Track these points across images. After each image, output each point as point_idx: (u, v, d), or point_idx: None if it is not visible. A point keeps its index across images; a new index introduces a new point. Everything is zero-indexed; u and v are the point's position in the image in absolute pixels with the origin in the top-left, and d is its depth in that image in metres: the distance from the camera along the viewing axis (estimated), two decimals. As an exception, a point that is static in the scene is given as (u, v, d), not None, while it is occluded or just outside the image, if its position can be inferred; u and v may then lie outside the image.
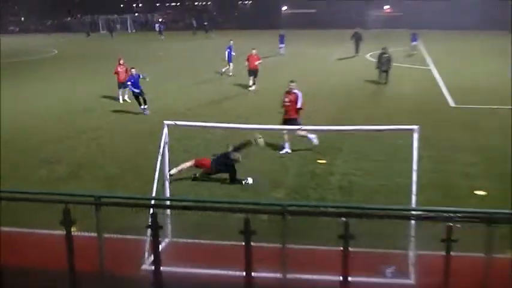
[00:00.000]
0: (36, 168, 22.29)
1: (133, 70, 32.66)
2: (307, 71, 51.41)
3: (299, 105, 24.13)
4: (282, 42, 66.22)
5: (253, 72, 41.03)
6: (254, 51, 42.02)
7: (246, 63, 41.94)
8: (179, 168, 20.42)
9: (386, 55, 42.20)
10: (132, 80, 32.02)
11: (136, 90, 32.04)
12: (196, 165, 20.79)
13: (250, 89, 40.22)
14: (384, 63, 42.12)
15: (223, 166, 20.46)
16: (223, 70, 48.04)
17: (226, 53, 48.72)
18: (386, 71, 42.27)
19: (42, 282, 11.12)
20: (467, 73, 47.90)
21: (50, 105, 35.83)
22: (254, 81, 40.72)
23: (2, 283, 10.91)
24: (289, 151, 24.09)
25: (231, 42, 49.87)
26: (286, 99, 24.31)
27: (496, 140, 25.82)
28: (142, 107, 32.45)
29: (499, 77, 45.20)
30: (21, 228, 14.46)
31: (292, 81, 24.81)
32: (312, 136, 24.10)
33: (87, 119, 31.44)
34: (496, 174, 21.06)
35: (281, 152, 24.01)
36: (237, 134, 23.85)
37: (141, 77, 32.72)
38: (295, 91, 24.32)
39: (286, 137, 24.18)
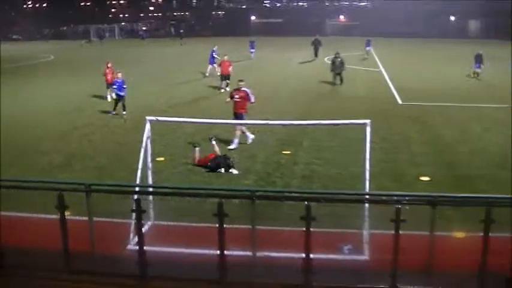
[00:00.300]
0: (34, 159, 22.07)
1: (119, 74, 31.63)
2: (273, 73, 51.49)
3: (252, 100, 24.20)
4: (252, 48, 65.95)
5: (225, 76, 40.08)
6: (226, 57, 41.44)
7: (219, 68, 41.31)
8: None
9: (339, 59, 42.00)
10: (117, 84, 31.09)
11: (121, 94, 30.84)
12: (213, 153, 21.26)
13: (221, 91, 39.31)
14: (337, 67, 41.91)
15: (222, 165, 20.48)
16: (218, 73, 45.93)
17: (214, 55, 48.10)
18: (339, 74, 42.02)
19: (39, 261, 11.01)
20: (414, 75, 48.26)
21: (46, 105, 35.42)
22: (227, 83, 39.74)
23: (3, 263, 10.82)
24: (251, 140, 24.06)
25: (216, 47, 49.39)
26: (237, 96, 24.13)
27: (439, 133, 26.08)
28: (113, 112, 31.18)
29: (444, 78, 45.77)
30: (19, 212, 14.33)
31: (240, 80, 24.75)
32: (249, 135, 24.19)
33: (79, 117, 31.13)
34: (440, 163, 21.28)
35: (248, 142, 24.03)
36: (211, 128, 23.87)
37: (124, 86, 31.17)
38: (244, 88, 24.21)
39: (238, 132, 23.85)
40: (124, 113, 30.69)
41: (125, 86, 31.02)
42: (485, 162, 21.25)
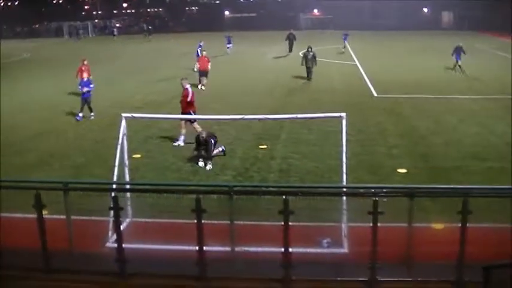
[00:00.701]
0: (8, 158, 21.73)
1: (85, 74, 30.77)
2: (249, 68, 51.40)
3: (188, 99, 23.15)
4: (229, 43, 65.24)
5: (203, 73, 38.86)
6: (204, 53, 41.00)
7: (197, 64, 39.92)
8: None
9: (312, 53, 41.77)
10: (82, 84, 29.75)
11: (86, 94, 29.33)
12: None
13: (200, 87, 38.14)
14: (308, 61, 41.76)
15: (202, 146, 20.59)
16: (195, 69, 44.09)
17: (198, 50, 47.58)
18: (310, 68, 41.66)
19: (17, 261, 10.94)
20: (389, 68, 48.42)
21: (21, 103, 35.02)
22: (205, 80, 38.67)
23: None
24: (182, 144, 23.09)
25: (202, 42, 49.00)
26: (182, 96, 23.53)
27: (414, 124, 26.23)
28: (80, 114, 29.29)
29: (418, 70, 45.97)
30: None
31: (182, 79, 24.15)
32: (182, 137, 23.18)
33: (55, 114, 30.77)
34: (415, 154, 21.37)
35: (174, 144, 23.32)
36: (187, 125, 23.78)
37: (91, 85, 29.76)
38: (186, 87, 23.49)
39: (183, 131, 23.26)
40: (91, 114, 29.57)
41: (91, 86, 29.85)
42: (460, 154, 21.41)
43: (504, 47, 62.69)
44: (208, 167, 20.17)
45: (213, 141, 20.61)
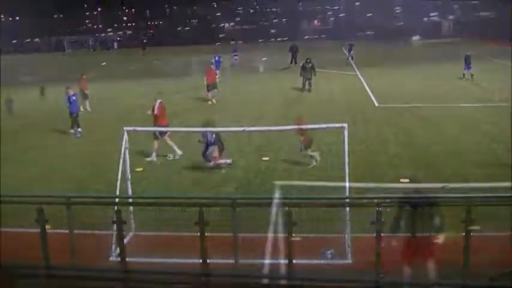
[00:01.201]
0: (10, 171, 21.67)
1: (69, 90, 29.73)
2: (250, 79, 51.49)
3: (155, 112, 23.31)
4: (235, 55, 64.93)
5: (212, 86, 38.37)
6: (212, 66, 40.98)
7: (205, 78, 38.84)
8: None
9: (310, 64, 41.71)
10: (66, 99, 29.31)
11: (74, 109, 29.24)
12: None
13: (213, 101, 37.88)
14: (307, 72, 41.69)
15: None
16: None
17: (214, 61, 47.68)
18: (309, 79, 41.70)
19: (19, 275, 10.91)
20: (390, 77, 48.38)
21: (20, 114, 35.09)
22: (213, 93, 38.31)
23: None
24: (155, 159, 23.15)
25: (220, 55, 49.35)
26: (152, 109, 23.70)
27: (416, 134, 26.21)
28: (72, 130, 29.13)
29: (417, 79, 45.96)
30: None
31: (158, 93, 24.30)
32: (177, 150, 23.41)
33: (53, 128, 30.80)
34: (417, 163, 21.30)
35: (147, 159, 23.17)
36: (192, 136, 23.80)
37: (74, 98, 29.57)
38: (156, 102, 23.53)
39: (155, 144, 23.34)
40: (79, 129, 29.09)
41: (74, 98, 29.53)
42: (462, 162, 21.35)
43: (504, 55, 62.68)
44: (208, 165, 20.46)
45: (213, 137, 20.86)
